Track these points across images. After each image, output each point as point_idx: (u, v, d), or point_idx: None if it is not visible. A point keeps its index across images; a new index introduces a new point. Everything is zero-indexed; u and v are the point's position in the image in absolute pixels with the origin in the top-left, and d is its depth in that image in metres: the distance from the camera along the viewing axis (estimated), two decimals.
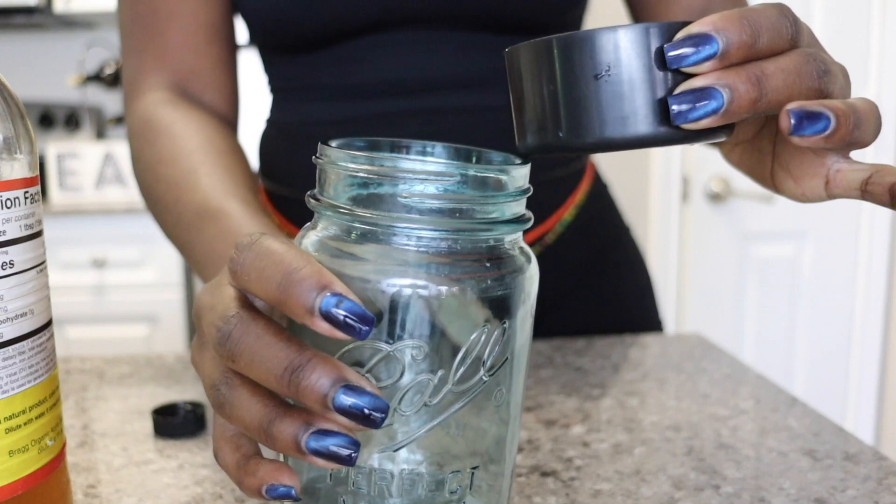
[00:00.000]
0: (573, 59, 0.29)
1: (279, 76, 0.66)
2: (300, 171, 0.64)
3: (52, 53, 2.49)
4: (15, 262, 0.31)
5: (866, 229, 2.00)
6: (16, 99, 0.32)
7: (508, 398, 0.29)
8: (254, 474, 0.29)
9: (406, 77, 0.61)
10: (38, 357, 0.32)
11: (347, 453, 0.26)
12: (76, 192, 2.16)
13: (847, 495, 0.38)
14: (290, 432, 0.26)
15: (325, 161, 0.29)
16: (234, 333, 0.27)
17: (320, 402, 0.25)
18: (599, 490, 0.39)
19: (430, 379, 0.27)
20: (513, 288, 0.28)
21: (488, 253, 0.28)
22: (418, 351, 0.26)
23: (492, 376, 0.28)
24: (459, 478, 0.29)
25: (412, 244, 0.27)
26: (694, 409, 0.51)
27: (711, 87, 0.28)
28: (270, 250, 0.27)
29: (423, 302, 0.26)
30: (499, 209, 0.28)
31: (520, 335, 0.29)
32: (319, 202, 0.29)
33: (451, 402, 0.27)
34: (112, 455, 0.45)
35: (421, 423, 0.27)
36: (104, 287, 2.05)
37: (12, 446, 0.31)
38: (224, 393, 0.28)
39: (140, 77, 0.59)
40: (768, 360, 2.04)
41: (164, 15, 0.58)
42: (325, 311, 0.25)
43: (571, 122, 0.29)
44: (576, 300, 0.69)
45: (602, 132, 0.29)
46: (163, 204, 0.52)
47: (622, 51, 0.28)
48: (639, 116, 0.28)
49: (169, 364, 0.62)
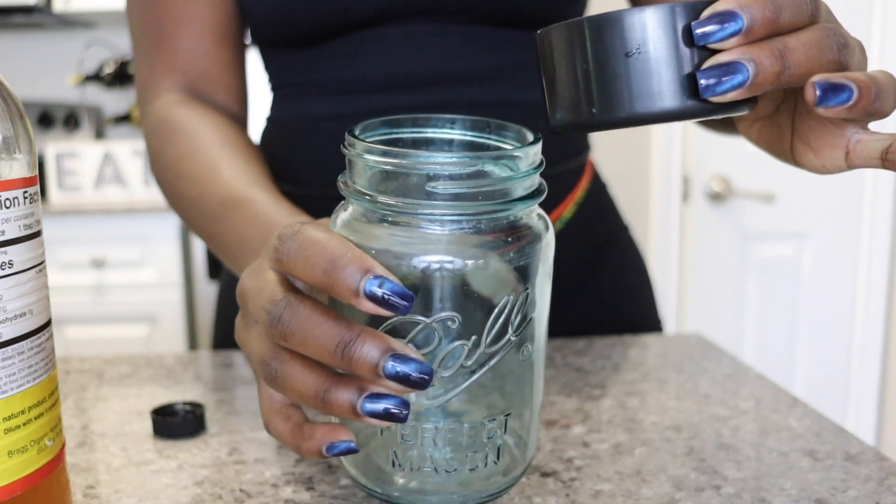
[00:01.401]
0: (604, 39, 0.30)
1: (280, 73, 0.66)
2: (302, 168, 0.64)
3: (51, 53, 2.49)
4: (14, 262, 0.31)
5: (867, 229, 2.00)
6: (15, 98, 0.32)
7: (533, 351, 0.32)
8: (311, 437, 0.32)
9: (409, 71, 0.61)
10: (38, 357, 0.32)
11: (400, 412, 0.29)
12: (75, 191, 2.16)
13: (848, 496, 0.38)
14: (347, 398, 0.29)
15: (354, 153, 0.31)
16: (284, 315, 0.30)
17: (372, 370, 0.28)
18: (600, 490, 0.39)
19: (465, 343, 0.30)
20: (532, 257, 0.31)
21: (508, 227, 0.30)
22: (452, 321, 0.30)
23: (518, 336, 0.31)
24: (495, 425, 0.32)
25: (437, 227, 0.29)
26: (694, 409, 0.50)
27: (737, 62, 0.29)
28: (314, 239, 0.29)
29: (451, 276, 0.29)
30: (515, 188, 0.30)
31: (540, 297, 0.32)
32: (348, 188, 0.31)
33: (485, 362, 0.31)
34: (111, 455, 0.45)
35: (459, 381, 0.31)
36: (103, 287, 2.05)
37: (11, 447, 0.31)
38: (276, 367, 0.31)
39: (153, 81, 0.61)
40: (769, 360, 2.04)
41: (172, 20, 0.59)
42: (369, 292, 0.28)
43: (604, 98, 0.31)
44: (575, 299, 0.69)
45: (633, 107, 0.30)
46: (187, 198, 0.53)
47: (650, 30, 0.29)
48: (668, 91, 0.30)
49: (168, 364, 0.62)
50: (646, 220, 1.98)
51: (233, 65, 0.63)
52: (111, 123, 2.37)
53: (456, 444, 0.32)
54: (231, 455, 0.45)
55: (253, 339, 0.33)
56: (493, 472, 0.34)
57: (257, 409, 0.52)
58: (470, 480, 0.33)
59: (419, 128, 0.35)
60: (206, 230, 0.52)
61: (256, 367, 0.33)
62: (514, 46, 0.62)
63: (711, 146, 1.96)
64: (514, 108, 0.63)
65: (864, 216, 2.00)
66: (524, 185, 0.31)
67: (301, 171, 0.64)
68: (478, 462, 0.33)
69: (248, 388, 0.56)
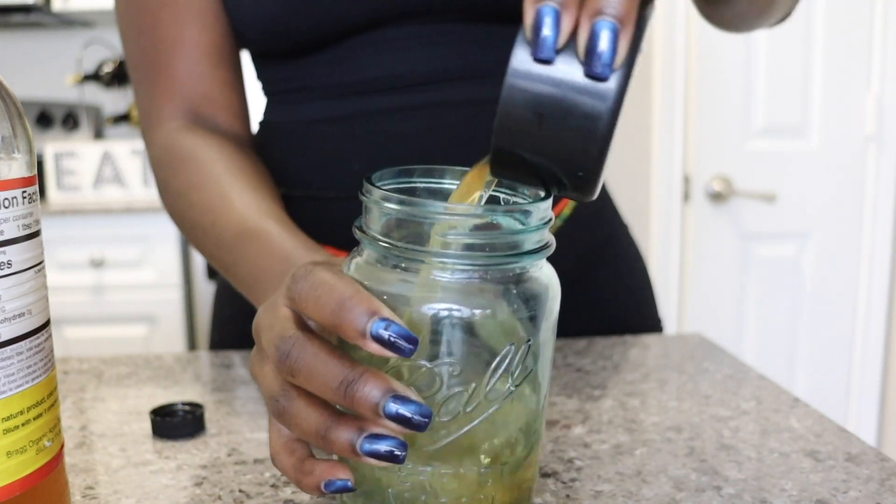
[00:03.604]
0: (522, 139, 0.30)
1: (273, 80, 0.65)
2: (296, 170, 0.64)
3: (50, 52, 2.49)
4: (13, 262, 0.31)
5: (868, 229, 2.00)
6: (13, 98, 0.32)
7: (535, 398, 0.33)
8: (311, 473, 0.33)
9: (403, 72, 0.61)
10: (36, 357, 0.32)
11: (397, 454, 0.30)
12: (74, 191, 2.16)
13: (849, 496, 0.38)
14: (346, 437, 0.30)
15: (371, 199, 0.32)
16: (293, 352, 0.31)
17: (372, 409, 0.29)
18: (600, 491, 0.39)
19: (465, 390, 0.31)
20: (537, 309, 0.32)
21: (515, 279, 0.31)
22: (454, 367, 0.30)
23: (517, 387, 0.32)
24: (491, 472, 0.33)
25: (447, 275, 0.30)
26: (695, 409, 0.50)
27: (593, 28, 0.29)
28: (324, 280, 0.31)
29: (458, 324, 0.30)
30: (524, 242, 0.31)
31: (544, 348, 0.32)
32: (365, 234, 0.32)
33: (484, 409, 0.31)
34: (110, 456, 0.45)
35: (458, 427, 0.31)
36: (102, 287, 2.05)
37: (10, 447, 0.31)
38: (283, 404, 0.32)
39: (154, 109, 0.61)
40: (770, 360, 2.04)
41: (168, 46, 0.59)
42: (375, 333, 0.29)
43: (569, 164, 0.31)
44: (573, 298, 0.68)
45: (591, 152, 0.30)
46: (200, 228, 0.54)
47: (528, 95, 0.30)
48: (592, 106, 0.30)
49: (167, 365, 0.62)
50: (646, 220, 1.98)
51: (231, 84, 0.62)
52: (110, 123, 2.37)
53: (450, 491, 0.32)
54: (230, 455, 0.45)
55: (266, 375, 0.34)
56: None
57: (257, 410, 0.52)
58: None
59: (434, 178, 0.36)
60: (221, 261, 0.52)
61: (267, 402, 0.34)
62: (508, 43, 0.62)
63: (712, 146, 1.96)
64: None
65: (865, 216, 2.00)
66: (533, 240, 0.32)
67: (295, 174, 0.64)
68: None
69: (248, 389, 0.56)
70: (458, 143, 0.61)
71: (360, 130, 0.62)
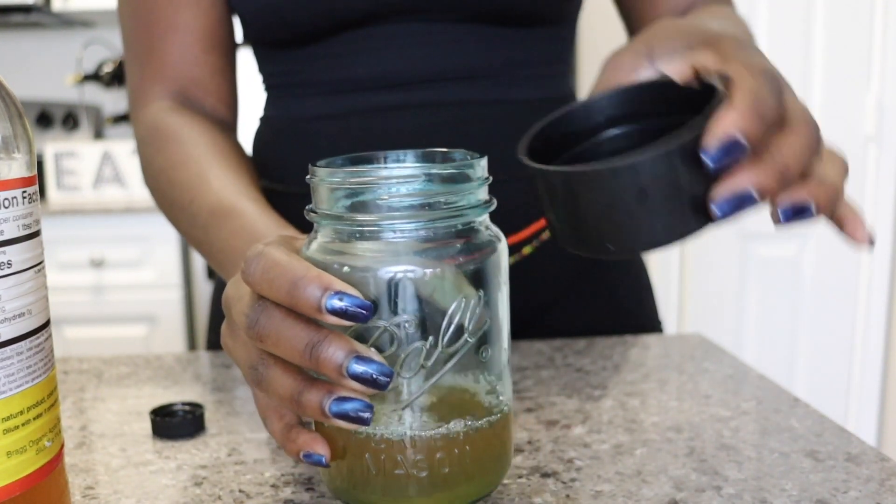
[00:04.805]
0: (611, 188, 0.31)
1: (273, 73, 0.66)
2: (295, 168, 0.64)
3: (50, 52, 2.49)
4: (13, 262, 0.31)
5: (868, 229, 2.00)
6: (13, 98, 0.32)
7: (493, 354, 0.35)
8: (294, 441, 0.35)
9: (400, 70, 0.61)
10: (36, 357, 0.32)
11: (363, 415, 0.32)
12: (74, 191, 2.16)
13: (849, 496, 0.38)
14: (316, 400, 0.32)
15: (317, 179, 0.34)
16: (261, 319, 0.32)
17: (336, 370, 0.31)
18: (600, 491, 0.39)
19: (423, 345, 0.32)
20: (484, 263, 0.33)
21: (462, 236, 0.33)
22: (409, 324, 0.32)
23: (475, 338, 0.33)
24: (461, 426, 0.34)
25: (397, 236, 0.32)
26: (695, 409, 0.50)
27: (748, 190, 0.31)
28: (276, 262, 0.32)
29: (411, 283, 0.32)
30: (465, 198, 0.33)
31: (497, 301, 0.34)
32: (318, 214, 0.34)
33: (443, 363, 0.33)
34: (110, 456, 0.45)
35: (419, 382, 0.33)
36: (102, 287, 2.05)
37: (10, 447, 0.31)
38: (261, 371, 0.33)
39: (143, 88, 0.62)
40: (770, 360, 2.04)
41: (161, 29, 0.61)
42: (330, 307, 0.30)
43: (618, 238, 0.33)
44: (573, 298, 0.68)
45: (647, 242, 0.32)
46: (178, 206, 0.55)
47: (654, 175, 0.31)
48: (678, 221, 0.32)
49: (168, 364, 0.62)
50: None
51: (222, 71, 0.63)
52: (110, 123, 2.37)
53: (424, 449, 0.34)
54: (230, 456, 0.45)
55: (239, 347, 0.35)
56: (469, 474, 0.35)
57: (256, 410, 0.52)
58: (445, 482, 0.34)
59: (376, 164, 0.37)
60: (195, 238, 0.53)
61: (245, 372, 0.35)
62: (505, 44, 0.62)
63: None
64: (506, 106, 0.63)
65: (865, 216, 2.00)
66: (474, 196, 0.34)
67: (293, 170, 0.64)
68: (446, 465, 0.34)
69: (248, 389, 0.56)
70: (451, 143, 0.61)
71: (357, 128, 0.62)
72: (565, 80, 0.69)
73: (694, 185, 0.31)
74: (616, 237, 0.33)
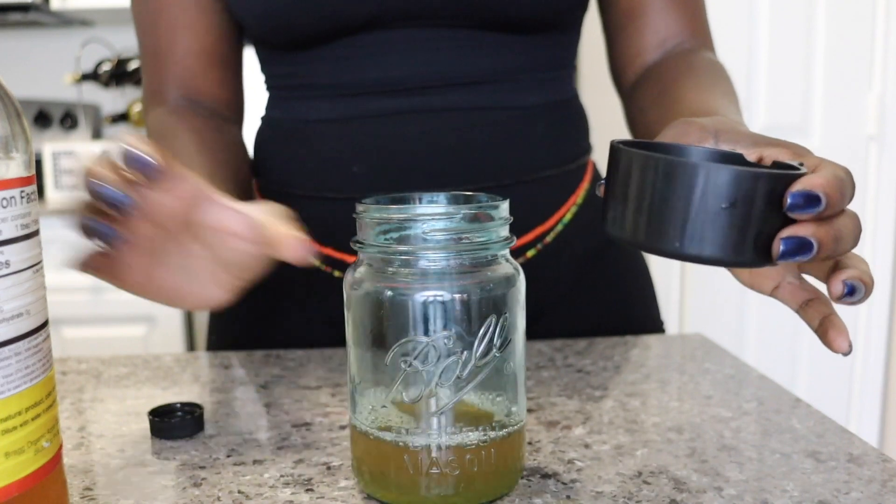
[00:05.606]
0: (709, 188, 0.33)
1: (276, 74, 0.66)
2: (297, 169, 0.64)
3: (49, 51, 2.48)
4: (11, 262, 0.30)
5: (869, 230, 2.00)
6: (12, 97, 0.31)
7: (514, 367, 0.39)
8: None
9: (406, 75, 0.61)
10: (35, 358, 0.32)
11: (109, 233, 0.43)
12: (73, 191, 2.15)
13: (851, 497, 0.38)
14: None
15: (364, 214, 0.38)
16: None
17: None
18: (601, 492, 0.39)
19: (459, 358, 0.37)
20: (507, 289, 0.38)
21: (487, 266, 0.38)
22: (448, 340, 0.37)
23: (501, 352, 0.38)
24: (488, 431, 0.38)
25: (432, 265, 0.37)
26: (696, 410, 0.50)
27: (810, 239, 0.34)
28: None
29: (448, 304, 0.37)
30: (489, 234, 0.38)
31: (516, 321, 0.39)
32: (364, 245, 0.38)
33: (476, 374, 0.37)
34: (109, 457, 0.45)
35: (456, 390, 0.37)
36: (101, 287, 2.04)
37: (8, 448, 0.31)
38: None
39: (153, 91, 0.67)
40: (771, 360, 2.04)
41: (164, 47, 0.65)
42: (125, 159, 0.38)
43: (692, 238, 0.34)
44: (575, 300, 0.68)
45: (714, 252, 0.34)
46: None
47: (750, 191, 0.33)
48: (746, 246, 0.34)
49: (166, 365, 0.62)
50: None
51: (222, 82, 0.67)
52: (108, 122, 2.37)
53: (457, 450, 0.38)
54: (229, 456, 0.44)
55: None
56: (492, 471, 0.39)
57: (256, 411, 0.52)
58: (471, 480, 0.38)
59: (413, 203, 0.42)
60: None
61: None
62: (511, 51, 0.62)
63: None
64: (512, 112, 0.63)
65: (866, 216, 2.00)
66: (497, 233, 0.38)
67: (296, 172, 0.64)
68: (475, 465, 0.38)
69: (247, 390, 0.56)
70: (455, 149, 0.61)
71: (359, 133, 0.62)
72: (569, 82, 0.69)
73: (766, 219, 0.33)
74: (690, 235, 0.34)
